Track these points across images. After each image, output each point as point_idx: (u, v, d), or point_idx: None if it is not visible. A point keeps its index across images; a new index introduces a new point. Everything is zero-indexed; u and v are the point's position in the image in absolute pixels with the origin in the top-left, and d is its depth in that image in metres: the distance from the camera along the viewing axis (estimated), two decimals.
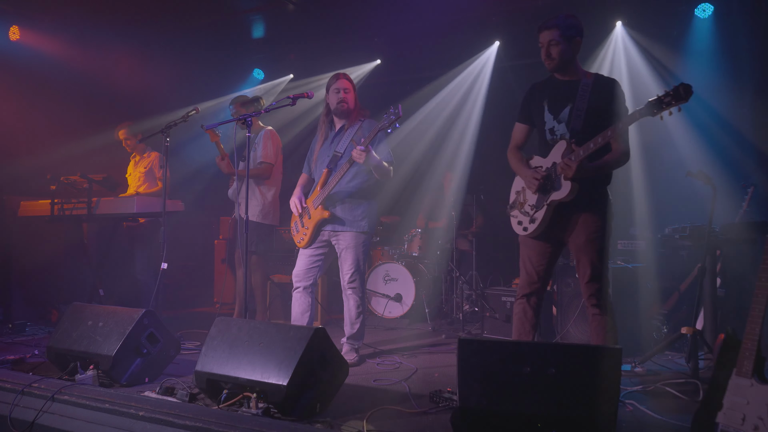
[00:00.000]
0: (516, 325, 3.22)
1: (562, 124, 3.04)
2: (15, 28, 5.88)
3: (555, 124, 3.08)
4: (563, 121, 3.04)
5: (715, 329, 3.66)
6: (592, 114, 2.96)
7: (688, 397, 3.05)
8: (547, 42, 3.02)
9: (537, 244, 3.15)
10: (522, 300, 3.19)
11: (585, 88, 3.01)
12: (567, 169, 2.90)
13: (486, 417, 2.32)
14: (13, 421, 3.00)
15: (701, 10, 5.49)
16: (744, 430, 2.02)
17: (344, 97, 3.89)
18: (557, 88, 3.11)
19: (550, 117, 3.10)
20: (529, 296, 3.17)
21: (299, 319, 3.91)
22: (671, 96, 2.60)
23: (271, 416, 2.68)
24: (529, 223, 3.11)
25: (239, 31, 6.78)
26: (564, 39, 2.99)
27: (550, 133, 3.10)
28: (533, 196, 3.10)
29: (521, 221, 3.16)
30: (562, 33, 2.98)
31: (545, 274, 3.17)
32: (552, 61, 3.04)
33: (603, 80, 3.06)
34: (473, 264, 5.60)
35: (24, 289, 5.36)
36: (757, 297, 2.14)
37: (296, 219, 4.03)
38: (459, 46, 6.58)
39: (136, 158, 5.59)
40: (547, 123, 3.11)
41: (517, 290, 3.24)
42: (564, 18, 3.01)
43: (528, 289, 3.17)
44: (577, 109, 3.00)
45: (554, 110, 3.09)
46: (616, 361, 2.23)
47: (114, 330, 3.25)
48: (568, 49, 3.02)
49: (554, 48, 3.01)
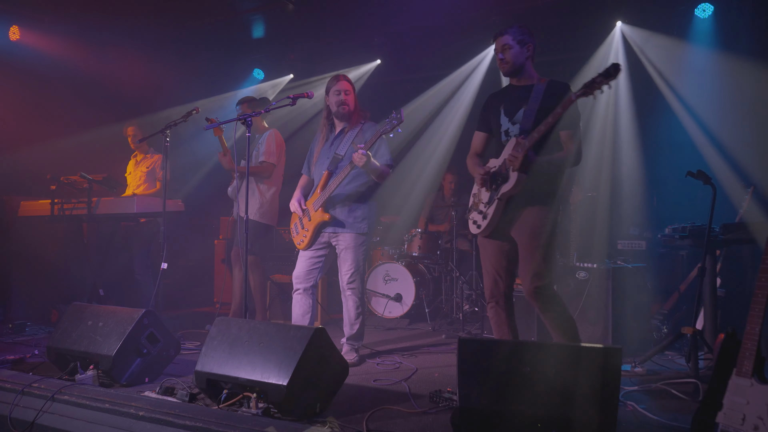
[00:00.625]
0: (494, 329, 3.24)
1: (516, 125, 3.12)
2: (15, 28, 5.88)
3: (510, 125, 3.16)
4: (518, 122, 3.12)
5: (715, 329, 3.66)
6: (543, 113, 3.02)
7: (688, 397, 3.05)
8: (500, 47, 3.15)
9: (493, 243, 3.17)
10: (492, 304, 3.21)
11: (538, 91, 3.10)
12: (514, 160, 2.96)
13: (486, 417, 2.33)
14: (13, 421, 3.00)
15: (701, 10, 5.49)
16: (744, 430, 2.02)
17: (344, 99, 3.89)
18: (512, 92, 3.22)
19: (505, 119, 3.19)
20: (498, 298, 3.18)
21: (300, 320, 3.91)
22: (602, 75, 2.71)
23: (271, 416, 2.68)
24: (482, 219, 3.15)
25: (239, 31, 6.78)
26: (516, 43, 3.12)
27: (505, 134, 3.18)
28: (486, 193, 3.16)
29: (476, 220, 3.20)
30: (513, 37, 3.12)
31: (507, 273, 3.18)
32: (506, 64, 3.15)
33: (556, 84, 3.13)
34: (473, 264, 5.60)
35: (24, 289, 5.36)
36: (757, 297, 2.14)
37: (296, 220, 4.04)
38: (459, 46, 6.58)
39: (138, 157, 5.58)
40: (503, 125, 3.19)
41: (486, 295, 3.26)
42: (516, 26, 3.16)
43: (493, 292, 3.19)
44: (529, 110, 3.08)
45: (509, 113, 3.18)
46: (616, 361, 2.23)
47: (114, 330, 3.25)
48: (521, 54, 3.14)
49: (507, 52, 3.13)
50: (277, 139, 4.84)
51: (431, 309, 5.67)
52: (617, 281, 4.09)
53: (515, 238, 3.10)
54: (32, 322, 5.16)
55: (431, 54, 6.70)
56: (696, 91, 5.47)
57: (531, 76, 3.18)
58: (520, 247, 3.08)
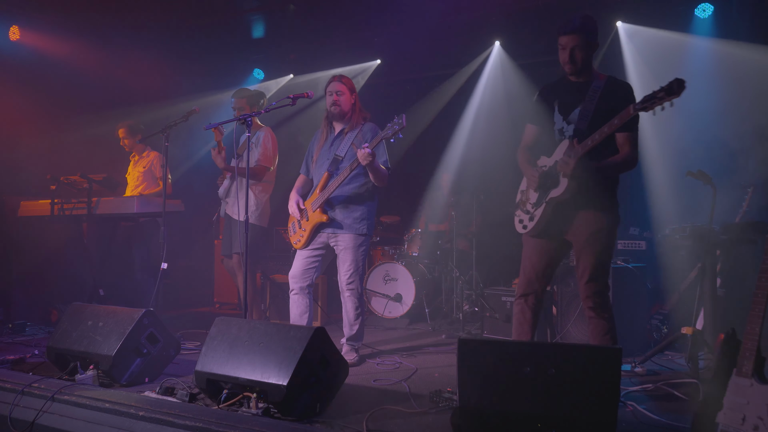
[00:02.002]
0: (515, 325, 3.22)
1: (572, 125, 3.03)
2: (15, 28, 5.88)
3: (564, 125, 3.07)
4: (572, 122, 3.03)
5: (715, 329, 3.65)
6: (599, 115, 2.93)
7: (688, 397, 3.05)
8: (570, 47, 2.98)
9: (538, 243, 3.13)
10: (520, 300, 3.19)
11: (595, 90, 3.00)
12: (565, 166, 2.89)
13: (486, 417, 2.32)
14: (13, 421, 3.00)
15: (701, 10, 5.49)
16: (744, 430, 2.02)
17: (336, 100, 3.90)
18: (568, 89, 3.10)
19: (560, 118, 3.10)
20: (527, 296, 3.16)
21: (298, 320, 3.91)
22: (665, 91, 2.58)
23: (271, 416, 2.68)
24: (528, 221, 3.11)
25: (239, 31, 6.78)
26: (585, 43, 2.97)
27: (559, 133, 3.10)
28: (534, 194, 3.10)
29: (522, 219, 3.16)
30: (586, 39, 2.96)
31: (544, 275, 3.15)
32: (575, 65, 3.00)
33: (615, 83, 3.03)
34: (473, 264, 5.60)
35: (24, 289, 5.36)
36: (757, 297, 2.14)
37: (294, 220, 4.03)
38: (459, 46, 6.58)
39: (135, 158, 5.58)
40: (557, 123, 3.11)
41: (516, 290, 3.24)
42: (586, 22, 2.97)
43: (526, 290, 3.17)
44: (585, 110, 2.98)
45: (564, 111, 3.09)
46: (616, 361, 2.23)
47: (114, 330, 3.25)
48: (589, 53, 3.01)
49: (578, 53, 2.98)
50: (273, 139, 4.79)
51: (431, 309, 5.67)
52: (617, 281, 4.09)
53: (572, 242, 3.06)
54: (32, 322, 5.15)
55: (431, 54, 6.70)
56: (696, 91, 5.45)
57: (590, 71, 3.05)
58: (578, 250, 3.03)
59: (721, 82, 5.27)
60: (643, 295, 4.36)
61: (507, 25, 6.21)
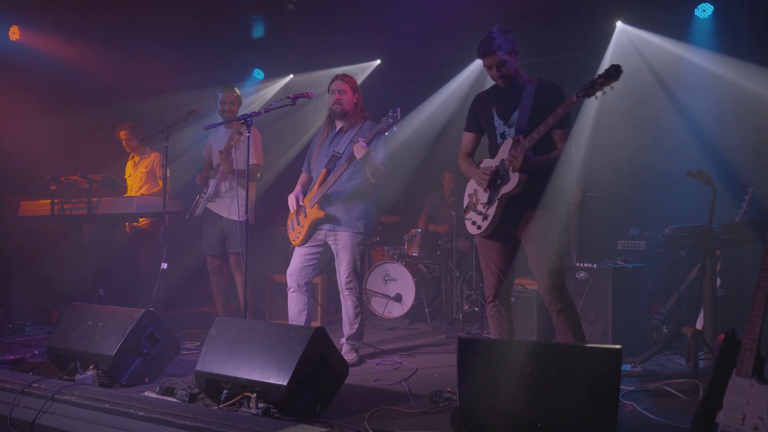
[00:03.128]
0: (494, 327, 3.24)
1: (513, 128, 3.13)
2: (15, 28, 5.88)
3: (506, 128, 3.16)
4: (513, 125, 3.13)
5: (715, 329, 3.66)
6: (536, 114, 3.03)
7: (688, 397, 3.05)
8: (495, 65, 3.11)
9: (495, 243, 3.18)
10: (494, 303, 3.22)
11: (529, 92, 3.11)
12: (514, 161, 2.96)
13: (486, 417, 2.32)
14: (13, 421, 3.00)
15: (701, 10, 5.48)
16: (744, 430, 2.02)
17: (339, 99, 3.91)
18: (504, 95, 3.21)
19: (500, 122, 3.19)
20: (501, 297, 3.20)
21: (296, 318, 3.92)
22: (603, 77, 2.69)
23: (271, 416, 2.68)
24: (482, 220, 3.15)
25: (239, 31, 6.78)
26: (509, 56, 3.10)
27: (500, 137, 3.18)
28: (485, 194, 3.16)
29: (475, 221, 3.20)
30: (506, 51, 3.09)
31: (509, 273, 3.20)
32: (505, 78, 3.14)
33: (544, 83, 3.14)
34: (473, 264, 5.60)
35: (24, 289, 5.36)
36: (757, 297, 2.14)
37: (292, 217, 4.04)
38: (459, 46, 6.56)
39: (136, 159, 5.58)
40: (498, 128, 3.20)
41: (486, 294, 3.27)
42: (500, 36, 3.09)
43: (498, 291, 3.20)
44: (523, 112, 3.09)
45: (503, 115, 3.18)
46: (616, 361, 2.23)
47: (114, 330, 3.25)
48: (514, 62, 3.13)
49: (504, 68, 3.10)
50: (258, 138, 4.75)
51: (431, 309, 5.67)
52: (617, 281, 4.09)
53: (523, 240, 3.10)
54: (32, 322, 5.16)
55: (431, 54, 6.69)
56: (696, 91, 5.47)
57: (520, 77, 3.19)
58: (533, 247, 3.07)
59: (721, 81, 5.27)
60: (643, 295, 4.36)
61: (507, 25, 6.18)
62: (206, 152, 4.98)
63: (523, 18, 5.95)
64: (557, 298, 3.04)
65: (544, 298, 3.09)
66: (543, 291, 3.07)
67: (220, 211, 4.71)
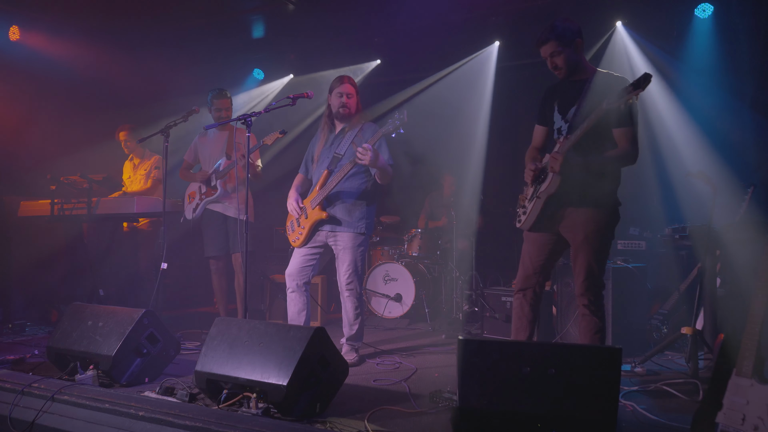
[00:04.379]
0: (513, 320, 3.24)
1: (568, 124, 3.07)
2: (15, 28, 5.88)
3: (563, 123, 3.10)
4: (569, 121, 3.07)
5: (715, 329, 3.65)
6: (587, 110, 2.96)
7: (688, 397, 3.05)
8: (548, 54, 3.04)
9: (536, 237, 3.16)
10: (518, 295, 3.21)
11: (588, 86, 3.03)
12: (553, 162, 2.94)
13: (486, 417, 2.32)
14: (13, 421, 3.00)
15: (701, 10, 5.48)
16: (744, 430, 2.03)
17: (346, 102, 3.90)
18: (567, 88, 3.14)
19: (558, 117, 3.14)
20: (525, 291, 3.18)
21: (296, 318, 3.91)
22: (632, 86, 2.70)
23: (271, 416, 2.68)
24: (522, 215, 3.16)
25: (239, 31, 6.78)
26: (564, 46, 3.01)
27: (557, 132, 3.14)
28: (530, 189, 3.16)
29: (518, 214, 3.22)
30: (560, 42, 3.00)
31: (542, 270, 3.17)
32: (560, 70, 3.07)
33: (606, 78, 3.05)
34: (473, 264, 5.60)
35: (24, 289, 5.36)
36: (757, 297, 2.14)
37: (292, 218, 4.03)
38: (459, 47, 6.58)
39: (135, 161, 5.58)
40: (556, 123, 3.15)
41: (515, 285, 3.27)
42: (558, 25, 3.02)
43: (523, 284, 3.19)
44: (579, 108, 3.02)
45: (563, 110, 3.12)
46: (616, 361, 2.23)
47: (114, 330, 3.25)
48: (572, 54, 3.03)
49: (557, 58, 3.03)
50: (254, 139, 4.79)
51: (431, 309, 5.67)
52: (617, 281, 4.09)
53: (567, 238, 3.09)
54: (32, 322, 5.16)
55: (431, 54, 6.69)
56: (696, 91, 5.47)
57: (585, 69, 3.10)
58: (573, 247, 3.06)
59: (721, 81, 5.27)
60: (643, 295, 4.36)
61: (507, 25, 6.20)
62: (190, 155, 4.96)
63: (524, 18, 5.95)
64: (585, 302, 3.02)
65: (576, 298, 3.08)
66: (576, 294, 3.06)
67: (226, 212, 4.72)
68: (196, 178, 4.80)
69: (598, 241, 3.00)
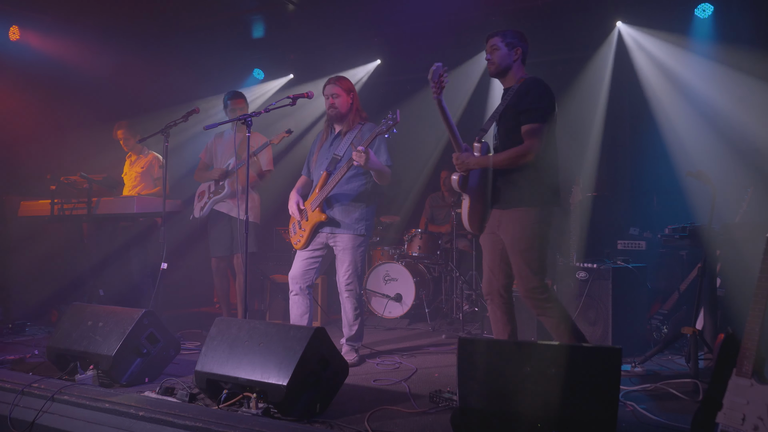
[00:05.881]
0: (493, 327, 3.27)
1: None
2: (15, 28, 5.88)
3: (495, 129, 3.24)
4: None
5: (715, 329, 3.65)
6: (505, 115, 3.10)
7: (688, 397, 3.05)
8: (489, 48, 3.16)
9: (487, 241, 3.21)
10: (487, 300, 3.26)
11: (511, 92, 3.11)
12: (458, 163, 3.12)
13: (486, 417, 2.32)
14: (13, 421, 3.00)
15: (701, 10, 5.49)
16: (744, 430, 2.03)
17: (333, 103, 3.92)
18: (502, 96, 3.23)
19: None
20: (492, 296, 3.20)
21: (298, 321, 3.91)
22: None
23: (271, 416, 2.68)
24: None
25: (239, 31, 6.78)
26: (504, 45, 3.12)
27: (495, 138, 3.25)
28: None
29: None
30: (503, 40, 3.13)
31: (500, 272, 3.16)
32: (491, 65, 3.17)
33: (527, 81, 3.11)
34: (473, 264, 5.60)
35: (24, 289, 5.35)
36: (757, 297, 2.14)
37: (294, 221, 4.04)
38: (459, 46, 6.58)
39: (132, 158, 5.58)
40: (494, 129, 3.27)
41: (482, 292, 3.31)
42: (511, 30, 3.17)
43: (487, 289, 3.22)
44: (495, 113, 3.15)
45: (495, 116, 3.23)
46: (616, 361, 2.23)
47: (114, 330, 3.25)
48: (508, 56, 3.13)
49: (494, 53, 3.14)
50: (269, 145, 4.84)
51: (431, 309, 5.67)
52: (617, 281, 4.09)
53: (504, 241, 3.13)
54: (32, 322, 5.15)
55: (431, 54, 6.69)
56: (696, 91, 5.47)
57: (513, 78, 3.17)
58: (507, 250, 3.10)
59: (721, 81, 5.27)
60: (643, 295, 4.36)
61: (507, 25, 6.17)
62: (206, 155, 5.00)
63: (523, 18, 5.95)
64: (531, 305, 3.05)
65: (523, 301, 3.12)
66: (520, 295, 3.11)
67: (230, 212, 4.77)
68: (213, 176, 4.85)
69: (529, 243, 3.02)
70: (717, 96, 5.27)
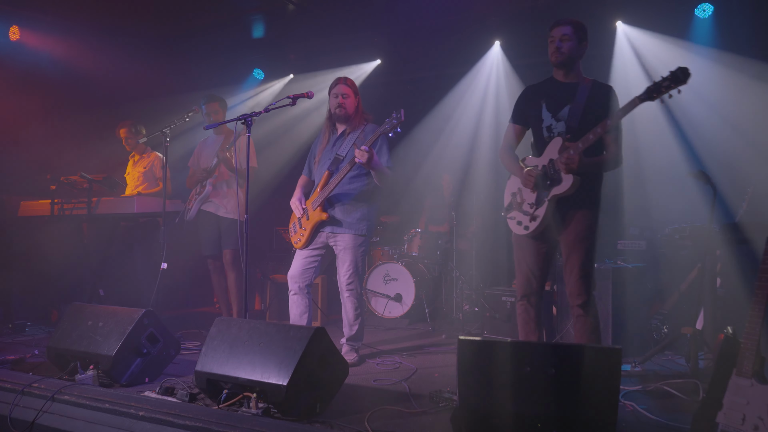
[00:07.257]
0: (521, 326, 3.24)
1: (561, 122, 3.08)
2: (15, 28, 5.88)
3: (553, 122, 3.11)
4: (562, 119, 3.08)
5: (715, 329, 3.65)
6: (588, 114, 3.02)
7: (688, 397, 3.05)
8: (559, 36, 3.08)
9: (532, 244, 3.17)
10: (523, 301, 3.22)
11: (583, 90, 3.08)
12: (570, 162, 2.92)
13: (486, 417, 2.32)
14: (13, 421, 3.00)
15: (701, 10, 5.48)
16: (744, 430, 2.03)
17: (342, 103, 3.90)
18: (556, 88, 3.17)
19: (548, 115, 3.14)
20: (529, 297, 3.19)
21: (298, 320, 3.91)
22: (669, 80, 2.67)
23: (271, 416, 2.68)
24: (530, 221, 3.13)
25: (239, 31, 6.78)
26: (576, 37, 3.07)
27: (547, 130, 3.14)
28: (532, 194, 3.12)
29: (521, 221, 3.17)
30: (574, 31, 3.07)
31: (542, 274, 3.19)
32: (561, 55, 3.09)
33: (600, 85, 3.13)
34: (473, 264, 5.60)
35: (24, 289, 5.35)
36: (757, 297, 2.14)
37: (295, 220, 4.04)
38: (459, 47, 6.57)
39: (135, 158, 5.58)
40: (545, 121, 3.15)
41: (517, 292, 3.26)
42: (579, 22, 3.11)
43: (527, 290, 3.20)
44: (575, 109, 3.05)
45: (553, 109, 3.13)
46: (616, 361, 2.23)
47: (114, 330, 3.25)
48: (577, 48, 3.10)
49: (566, 43, 3.08)
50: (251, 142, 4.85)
51: (431, 309, 5.68)
52: (617, 281, 4.09)
53: (563, 240, 3.10)
54: (32, 322, 5.15)
55: (431, 54, 6.70)
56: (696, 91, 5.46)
57: (578, 74, 3.15)
58: (568, 249, 3.07)
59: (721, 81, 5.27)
60: (643, 295, 4.36)
61: (507, 25, 6.20)
62: (193, 161, 5.02)
63: (523, 18, 5.95)
64: (579, 302, 3.04)
65: (569, 299, 3.09)
66: (569, 295, 3.07)
67: (217, 211, 4.80)
68: (198, 176, 4.89)
69: (591, 241, 3.05)
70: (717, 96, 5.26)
